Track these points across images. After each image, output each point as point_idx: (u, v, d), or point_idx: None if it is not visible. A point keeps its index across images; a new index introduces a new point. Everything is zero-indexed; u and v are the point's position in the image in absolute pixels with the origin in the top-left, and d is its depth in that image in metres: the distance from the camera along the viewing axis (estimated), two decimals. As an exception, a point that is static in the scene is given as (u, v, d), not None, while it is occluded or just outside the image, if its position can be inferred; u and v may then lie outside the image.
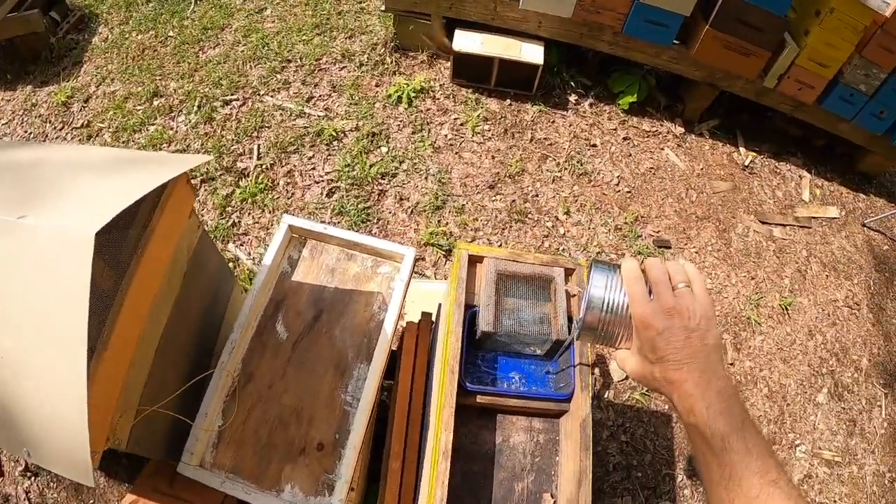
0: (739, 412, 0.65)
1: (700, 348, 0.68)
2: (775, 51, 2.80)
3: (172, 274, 1.14)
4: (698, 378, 0.67)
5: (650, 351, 0.71)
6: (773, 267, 2.91)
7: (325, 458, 1.14)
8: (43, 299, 0.76)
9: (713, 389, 0.66)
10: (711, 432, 0.64)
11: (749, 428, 0.64)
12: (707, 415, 0.65)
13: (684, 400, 0.68)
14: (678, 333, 0.68)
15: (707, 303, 0.71)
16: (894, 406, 2.63)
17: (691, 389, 0.67)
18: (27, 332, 0.77)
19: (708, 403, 0.65)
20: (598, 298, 0.73)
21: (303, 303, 1.35)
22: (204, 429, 1.11)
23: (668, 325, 0.69)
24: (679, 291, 0.71)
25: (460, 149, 2.90)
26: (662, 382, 0.71)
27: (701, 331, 0.68)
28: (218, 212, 2.50)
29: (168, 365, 1.16)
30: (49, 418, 0.78)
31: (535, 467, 1.06)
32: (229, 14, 3.32)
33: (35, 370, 0.78)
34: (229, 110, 2.86)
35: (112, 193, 0.85)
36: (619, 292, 0.73)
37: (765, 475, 0.61)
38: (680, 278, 0.72)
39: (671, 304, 0.69)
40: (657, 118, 3.32)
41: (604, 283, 0.74)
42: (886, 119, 2.99)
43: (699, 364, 0.68)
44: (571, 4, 2.76)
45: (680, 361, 0.68)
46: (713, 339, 0.69)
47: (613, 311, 0.73)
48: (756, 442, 0.63)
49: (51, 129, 2.74)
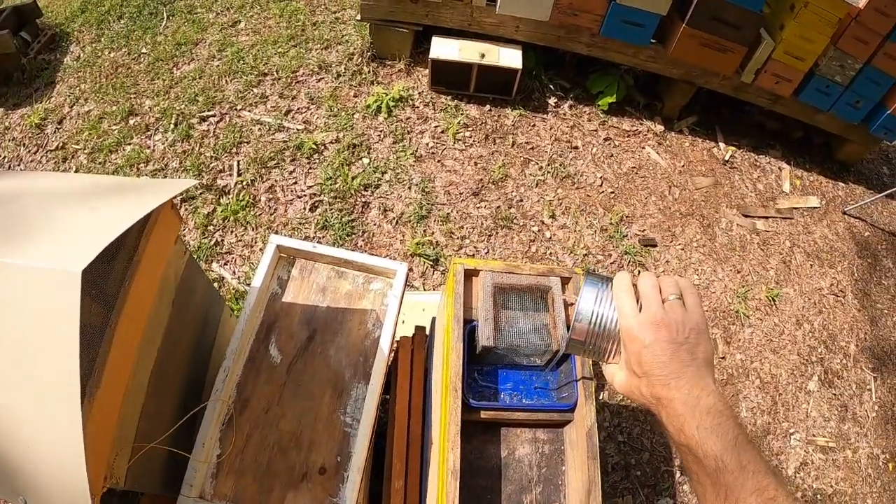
0: (732, 429, 0.62)
1: (689, 363, 0.65)
2: (751, 46, 2.85)
3: (160, 303, 1.11)
4: (686, 395, 0.64)
5: (636, 365, 0.68)
6: (758, 259, 2.95)
7: (329, 482, 1.12)
8: (31, 343, 0.73)
9: (703, 407, 0.63)
10: (703, 452, 0.61)
11: (743, 445, 0.61)
12: (698, 435, 0.62)
13: (673, 419, 0.65)
14: (665, 347, 0.66)
15: (698, 316, 0.68)
16: (884, 389, 2.68)
17: (680, 408, 0.64)
18: (16, 378, 0.74)
19: (698, 423, 0.62)
20: (586, 311, 0.72)
21: (295, 324, 1.32)
22: (202, 460, 1.08)
23: (654, 337, 0.66)
24: (669, 304, 0.68)
25: (442, 157, 2.89)
26: (650, 399, 0.68)
27: (690, 344, 0.66)
28: (200, 231, 2.45)
29: (161, 396, 1.13)
30: (45, 464, 0.75)
31: (543, 478, 1.05)
32: (202, 29, 3.28)
33: (27, 416, 0.75)
34: (207, 127, 2.81)
35: (96, 226, 0.83)
36: (608, 306, 0.72)
37: (762, 493, 0.58)
38: (670, 290, 0.70)
39: (659, 317, 0.67)
40: (637, 117, 3.35)
41: (594, 296, 0.73)
42: (862, 108, 3.06)
43: (687, 380, 0.65)
44: (548, 7, 2.77)
45: (667, 377, 0.65)
46: (703, 353, 0.67)
47: (602, 325, 0.72)
48: (751, 458, 0.60)
49: (25, 153, 2.67)
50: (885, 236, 3.31)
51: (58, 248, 0.76)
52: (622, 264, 2.70)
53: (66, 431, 0.74)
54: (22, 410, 0.75)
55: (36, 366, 0.73)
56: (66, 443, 0.74)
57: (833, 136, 3.41)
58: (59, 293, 0.71)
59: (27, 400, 0.75)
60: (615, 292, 0.72)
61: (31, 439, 0.76)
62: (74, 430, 0.73)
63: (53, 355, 0.72)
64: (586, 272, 0.76)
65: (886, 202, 3.48)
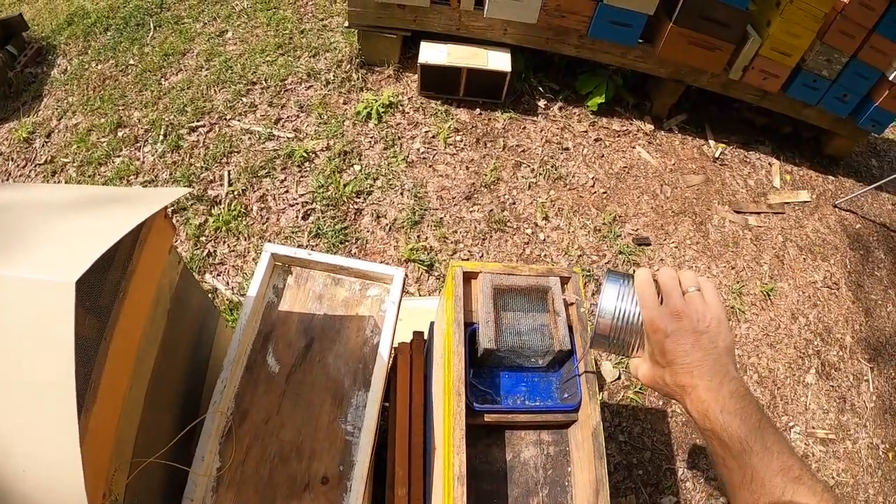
0: (755, 412, 0.64)
1: (710, 350, 0.67)
2: (739, 43, 2.87)
3: (156, 315, 1.09)
4: (709, 382, 0.66)
5: (660, 355, 0.70)
6: (751, 255, 2.96)
7: (331, 491, 1.10)
8: (24, 357, 0.71)
9: (725, 392, 0.65)
10: (728, 435, 0.63)
11: (766, 427, 0.63)
12: (722, 419, 0.64)
13: (697, 405, 0.67)
14: (687, 336, 0.68)
15: (717, 306, 0.70)
16: (881, 379, 2.70)
17: (703, 394, 0.66)
18: (9, 394, 0.72)
19: (722, 407, 0.64)
20: (609, 307, 0.74)
21: (292, 333, 1.31)
22: (202, 473, 1.06)
23: (676, 327, 0.68)
24: (689, 295, 0.71)
25: (434, 161, 2.88)
26: (674, 388, 0.70)
27: (711, 333, 0.68)
28: (192, 242, 2.43)
29: (159, 410, 1.11)
30: (42, 483, 0.73)
31: (549, 480, 1.04)
32: (190, 39, 3.26)
33: (22, 433, 0.73)
34: (196, 137, 2.79)
35: (89, 236, 0.81)
36: (630, 301, 0.74)
37: (787, 473, 0.60)
38: (690, 283, 0.72)
39: (680, 308, 0.69)
40: (626, 117, 3.36)
41: (616, 292, 0.75)
42: (850, 102, 3.09)
43: (709, 367, 0.67)
44: (536, 10, 2.78)
45: (690, 365, 0.67)
46: (724, 341, 0.69)
47: (625, 320, 0.74)
48: (775, 440, 0.62)
49: (13, 167, 2.64)
50: (875, 228, 3.34)
51: (50, 259, 0.74)
52: (616, 264, 2.70)
53: (63, 448, 0.72)
54: (16, 427, 0.73)
55: (29, 381, 0.71)
56: (64, 460, 0.72)
57: (821, 131, 3.44)
58: (52, 305, 0.69)
59: (21, 417, 0.73)
60: (637, 286, 0.74)
61: (27, 457, 0.74)
62: (72, 447, 0.71)
63: (48, 370, 0.70)
64: (607, 271, 0.77)
65: (876, 194, 3.51)
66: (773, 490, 0.59)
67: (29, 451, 0.74)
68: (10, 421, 0.74)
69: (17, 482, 0.74)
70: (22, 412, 0.74)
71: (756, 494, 0.60)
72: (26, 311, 0.72)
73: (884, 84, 3.03)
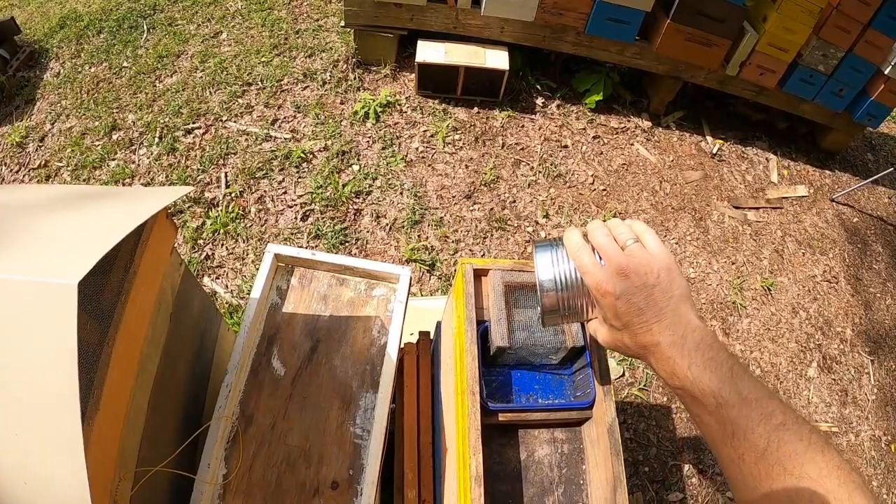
0: (725, 360, 0.59)
1: (666, 303, 0.62)
2: (735, 39, 2.87)
3: (158, 318, 1.06)
4: (671, 336, 0.61)
5: (614, 318, 0.65)
6: (751, 250, 2.96)
7: (342, 496, 1.07)
8: (23, 364, 0.69)
9: (690, 345, 0.60)
10: (700, 391, 0.58)
11: (739, 374, 0.58)
12: (691, 374, 0.59)
13: (663, 363, 0.62)
14: (638, 293, 0.63)
15: (663, 254, 0.65)
16: (882, 372, 2.70)
17: (667, 351, 0.61)
18: (9, 402, 0.69)
19: (689, 361, 0.59)
20: (548, 277, 0.69)
21: (297, 335, 1.28)
22: (208, 481, 1.04)
23: (625, 286, 0.63)
24: (629, 249, 0.65)
25: (433, 161, 2.87)
26: (636, 349, 0.65)
27: (662, 284, 0.63)
28: (189, 245, 2.40)
29: (162, 417, 1.08)
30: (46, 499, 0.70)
31: (564, 479, 1.02)
32: (184, 41, 3.23)
33: (24, 443, 0.70)
34: (192, 139, 2.76)
35: (90, 236, 0.78)
36: (567, 264, 0.69)
37: (769, 420, 0.55)
38: (626, 236, 0.67)
39: (623, 264, 0.64)
40: (624, 114, 3.35)
41: (549, 260, 0.70)
42: (846, 96, 3.10)
43: (669, 321, 0.62)
44: (533, 8, 2.77)
45: (647, 322, 0.62)
46: (678, 289, 0.64)
47: (568, 286, 0.69)
48: (751, 387, 0.57)
49: (7, 172, 2.60)
50: (873, 221, 3.35)
51: (50, 260, 0.71)
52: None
53: (66, 458, 0.69)
54: (17, 437, 0.70)
55: (31, 388, 0.69)
56: (68, 471, 0.69)
57: (817, 126, 3.45)
58: (53, 308, 0.67)
59: (23, 426, 0.70)
60: (570, 251, 0.68)
61: (29, 468, 0.71)
62: (76, 457, 0.68)
63: (49, 376, 0.68)
64: (533, 242, 0.73)
65: (873, 188, 3.52)
66: (757, 441, 0.54)
67: (31, 462, 0.71)
68: (11, 430, 0.71)
69: (19, 494, 0.72)
70: (23, 421, 0.71)
71: (739, 449, 0.55)
72: (26, 315, 0.69)
73: (879, 78, 3.03)
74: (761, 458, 0.54)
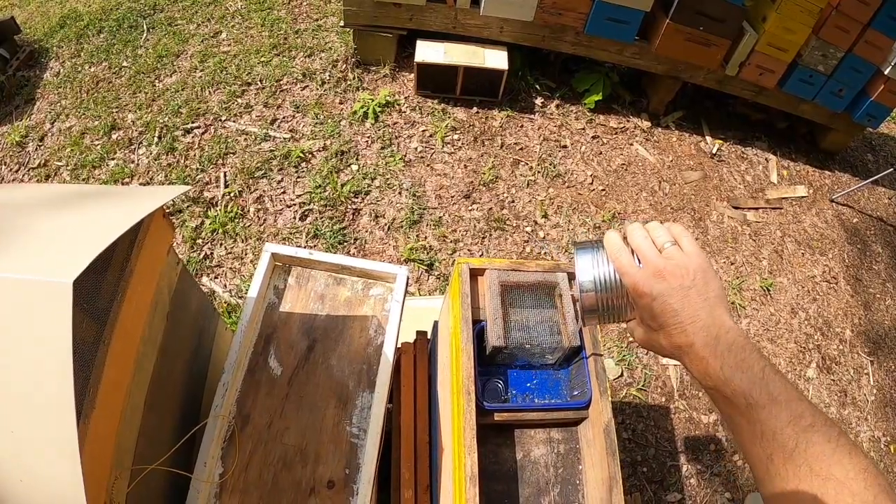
0: (757, 362, 0.59)
1: (701, 305, 0.63)
2: (735, 39, 2.87)
3: (155, 317, 1.06)
4: (705, 337, 0.62)
5: (651, 319, 0.66)
6: (750, 250, 2.96)
7: (338, 495, 1.07)
8: (18, 362, 0.69)
9: (723, 345, 0.61)
10: (732, 391, 0.59)
11: (771, 376, 0.58)
12: (723, 374, 0.60)
13: (696, 364, 0.63)
14: (674, 294, 0.64)
15: (699, 256, 0.66)
16: (881, 372, 2.70)
17: (701, 351, 0.62)
18: (5, 402, 0.69)
19: (722, 362, 0.60)
20: (588, 280, 0.70)
21: (294, 334, 1.28)
22: (204, 480, 1.04)
23: (661, 288, 0.64)
24: (667, 252, 0.66)
25: (431, 161, 2.87)
26: (670, 349, 0.66)
27: (698, 286, 0.64)
28: (188, 245, 2.40)
29: (159, 415, 1.08)
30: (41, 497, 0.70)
31: (560, 479, 1.02)
32: (184, 40, 3.23)
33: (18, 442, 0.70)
34: (191, 139, 2.76)
35: (87, 234, 0.78)
36: (607, 265, 0.70)
37: (798, 422, 0.55)
38: (664, 238, 0.68)
39: (661, 266, 0.65)
40: (623, 114, 3.35)
41: (589, 262, 0.71)
42: (846, 97, 3.10)
43: (703, 322, 0.62)
44: (532, 8, 2.77)
45: (682, 324, 0.63)
46: (714, 291, 0.64)
47: (608, 287, 0.70)
48: (782, 388, 0.57)
49: (6, 171, 2.60)
50: (872, 222, 3.35)
51: (46, 258, 0.71)
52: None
53: (62, 457, 0.69)
54: (13, 436, 0.70)
55: (26, 387, 0.69)
56: (63, 469, 0.69)
57: (816, 126, 3.45)
58: (49, 307, 0.67)
59: (18, 424, 0.70)
60: (609, 253, 0.70)
61: (24, 467, 0.71)
62: (71, 456, 0.68)
63: (45, 375, 0.68)
64: (574, 243, 0.73)
65: (872, 188, 3.52)
66: (786, 442, 0.55)
67: (26, 461, 0.72)
68: (7, 428, 0.71)
69: (15, 493, 0.72)
70: (18, 420, 0.71)
71: (768, 449, 0.56)
72: (21, 314, 0.69)
73: (879, 79, 3.03)
74: (789, 458, 0.54)
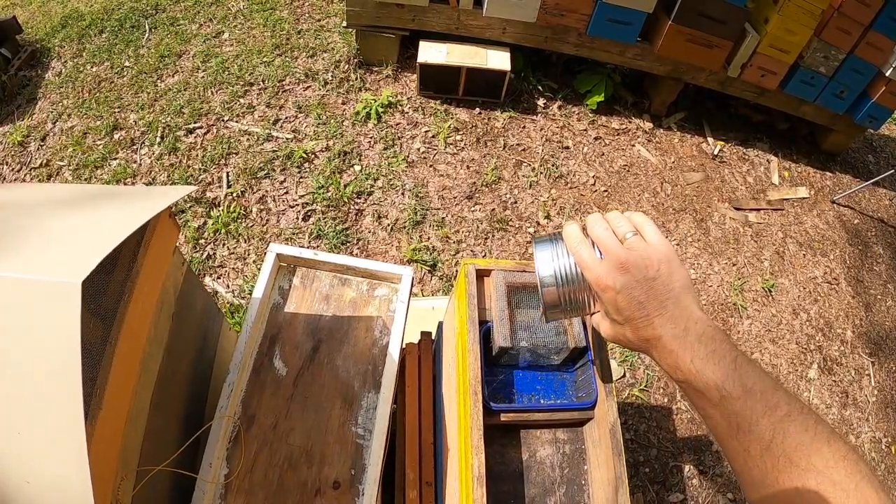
0: (728, 352, 0.58)
1: (667, 296, 0.61)
2: (737, 41, 2.87)
3: (161, 318, 1.06)
4: (673, 329, 0.60)
5: (616, 312, 0.64)
6: (752, 251, 2.96)
7: (343, 496, 1.07)
8: (26, 363, 0.69)
9: (693, 336, 0.59)
10: (704, 384, 0.57)
11: (743, 366, 0.57)
12: (694, 366, 0.58)
13: (666, 357, 0.61)
14: (639, 286, 0.62)
15: (663, 245, 0.64)
16: (882, 373, 2.70)
17: (670, 344, 0.60)
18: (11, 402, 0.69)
19: (692, 355, 0.58)
20: (548, 275, 0.68)
21: (299, 335, 1.28)
22: (209, 481, 1.04)
23: (624, 281, 0.62)
24: (629, 242, 0.64)
25: (434, 161, 2.87)
26: (638, 343, 0.64)
27: (662, 277, 0.62)
28: (191, 245, 2.40)
29: (164, 416, 1.08)
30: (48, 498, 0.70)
31: (566, 479, 1.02)
32: (186, 40, 3.23)
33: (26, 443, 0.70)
34: (194, 139, 2.76)
35: (94, 235, 0.78)
36: (567, 258, 0.68)
37: (774, 412, 0.53)
38: (625, 228, 0.66)
39: (623, 258, 0.63)
40: (625, 115, 3.36)
41: (549, 255, 0.69)
42: (847, 98, 3.10)
43: (670, 314, 0.61)
44: (535, 9, 2.77)
45: (648, 316, 0.61)
46: (680, 281, 0.63)
47: (569, 281, 0.68)
48: (756, 378, 0.56)
49: (8, 171, 2.60)
50: (874, 223, 3.35)
51: (54, 259, 0.71)
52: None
53: (70, 458, 0.69)
54: (20, 436, 0.70)
55: (34, 387, 0.69)
56: (71, 470, 0.69)
57: (818, 127, 3.45)
58: (57, 307, 0.67)
59: (26, 425, 0.70)
60: (569, 246, 0.68)
61: (33, 467, 0.71)
62: (79, 457, 0.68)
63: (53, 375, 0.68)
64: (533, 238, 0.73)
65: (873, 190, 3.52)
66: (762, 434, 0.53)
67: (34, 460, 0.72)
68: (14, 429, 0.71)
69: (23, 494, 0.72)
70: (27, 419, 0.71)
71: (745, 442, 0.54)
72: (30, 314, 0.69)
73: (880, 80, 3.04)
74: (767, 450, 0.53)
